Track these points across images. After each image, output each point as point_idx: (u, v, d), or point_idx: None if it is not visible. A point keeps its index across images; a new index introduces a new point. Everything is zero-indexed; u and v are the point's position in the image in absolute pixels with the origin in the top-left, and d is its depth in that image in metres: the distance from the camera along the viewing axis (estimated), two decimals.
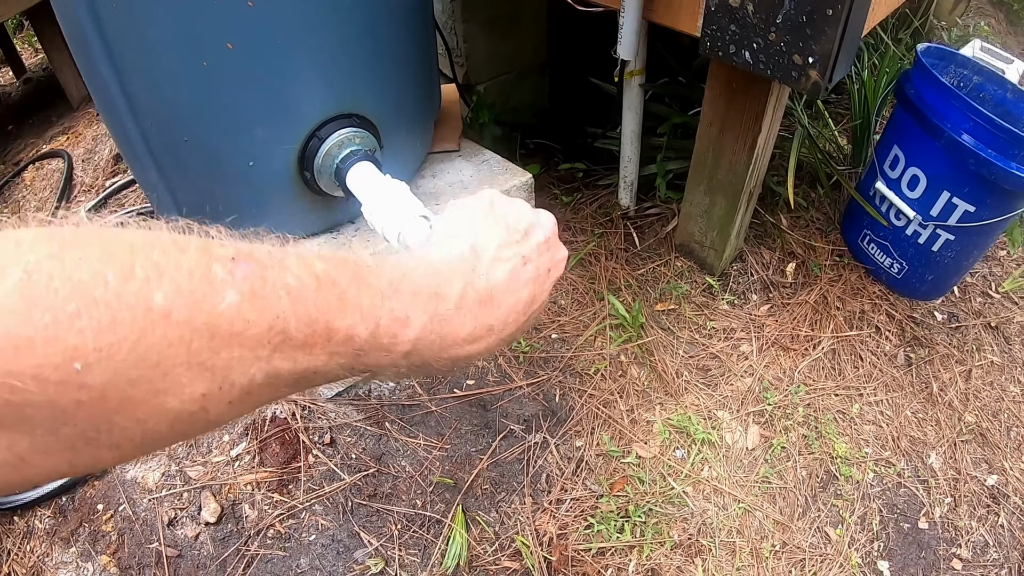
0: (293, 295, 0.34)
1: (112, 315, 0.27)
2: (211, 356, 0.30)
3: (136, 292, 0.28)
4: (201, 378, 0.30)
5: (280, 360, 0.34)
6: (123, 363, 0.27)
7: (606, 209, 1.97)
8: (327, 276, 0.36)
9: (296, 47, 1.14)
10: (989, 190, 1.56)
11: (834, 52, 1.19)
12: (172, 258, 0.30)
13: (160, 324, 0.28)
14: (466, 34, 1.91)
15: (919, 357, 1.74)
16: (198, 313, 0.30)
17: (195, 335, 0.30)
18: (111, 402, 0.28)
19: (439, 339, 0.42)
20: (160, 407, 0.30)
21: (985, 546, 1.49)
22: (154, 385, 0.29)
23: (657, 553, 1.39)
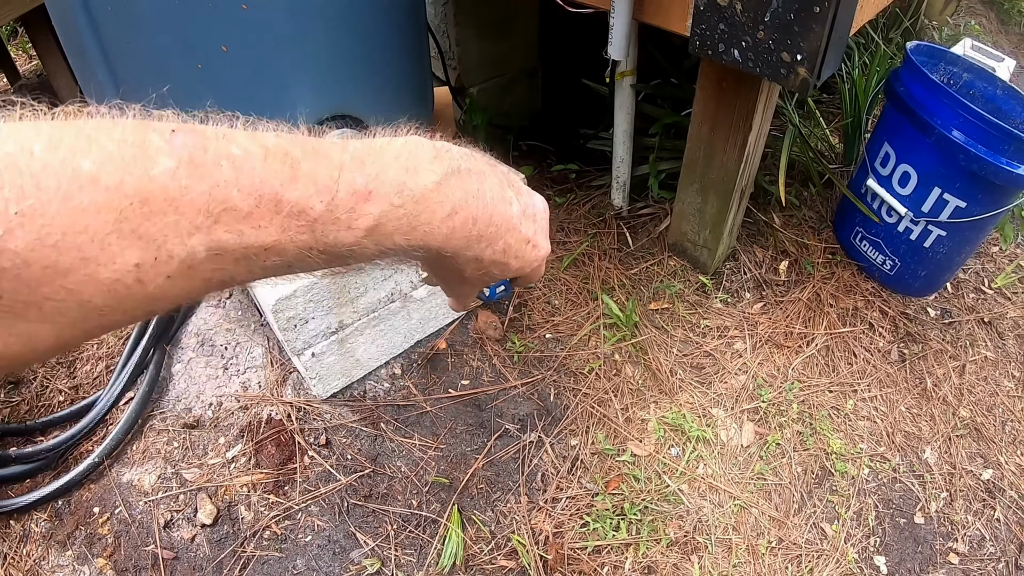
0: (236, 164, 0.32)
1: (35, 180, 0.26)
2: (143, 223, 0.29)
3: (62, 159, 0.27)
4: (133, 247, 0.29)
5: (223, 232, 0.32)
6: (46, 228, 0.27)
7: (599, 209, 1.98)
8: (278, 148, 0.34)
9: (290, 49, 1.15)
10: (980, 185, 1.57)
11: (822, 49, 1.20)
12: (105, 130, 0.29)
13: (88, 189, 0.27)
14: (459, 37, 1.92)
15: (913, 353, 1.75)
16: (128, 178, 0.29)
17: (125, 200, 0.28)
18: (35, 269, 0.27)
19: (409, 217, 0.39)
20: (91, 277, 0.29)
21: (982, 540, 1.49)
22: (82, 252, 0.28)
23: (653, 551, 1.39)
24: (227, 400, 1.61)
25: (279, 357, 1.65)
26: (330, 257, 0.37)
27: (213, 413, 1.60)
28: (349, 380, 1.59)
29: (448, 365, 1.66)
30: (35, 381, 1.82)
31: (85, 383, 1.79)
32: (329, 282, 1.38)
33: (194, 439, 1.57)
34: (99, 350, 1.84)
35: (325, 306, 1.41)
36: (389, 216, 0.38)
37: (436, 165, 0.40)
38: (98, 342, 1.86)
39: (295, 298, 1.35)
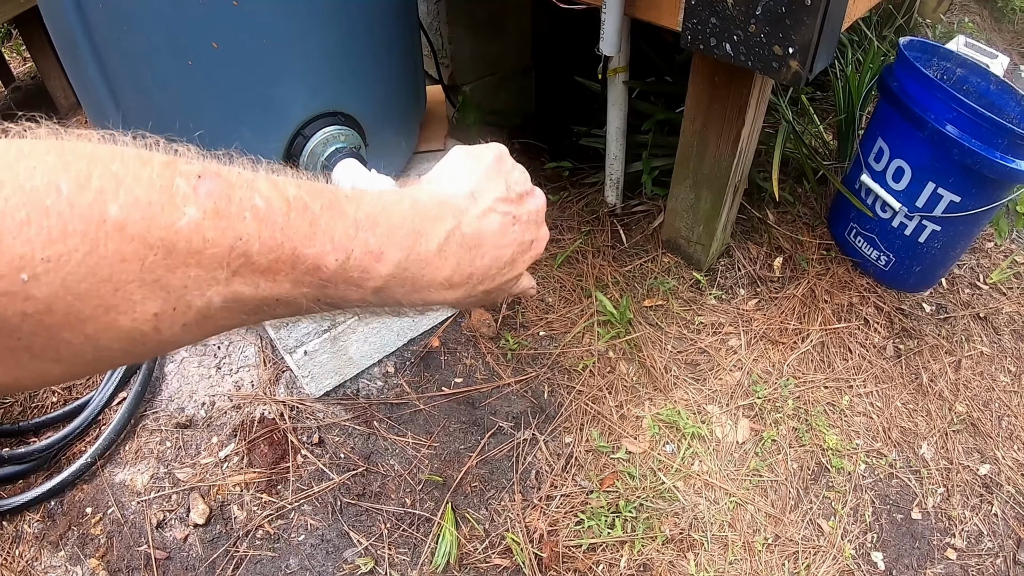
0: (260, 217, 0.32)
1: (63, 225, 0.26)
2: (166, 274, 0.29)
3: (90, 203, 0.27)
4: (154, 297, 0.29)
5: (240, 284, 0.32)
6: (72, 275, 0.26)
7: (593, 207, 1.98)
8: (299, 201, 0.34)
9: (281, 46, 1.15)
10: (974, 180, 1.57)
11: (814, 42, 1.20)
12: (132, 170, 0.29)
13: (114, 237, 0.27)
14: (451, 35, 1.92)
15: (908, 348, 1.74)
16: (155, 228, 0.28)
17: (150, 251, 0.28)
18: (57, 316, 0.27)
19: (414, 279, 0.40)
20: (111, 324, 0.29)
21: (979, 535, 1.49)
22: (104, 301, 0.28)
23: (649, 548, 1.38)
24: (220, 399, 1.61)
25: (272, 356, 1.64)
26: (333, 307, 0.39)
27: (206, 412, 1.60)
28: (342, 378, 1.58)
29: (441, 363, 1.65)
30: None
31: (78, 384, 1.78)
32: None
33: (187, 439, 1.56)
34: None
35: None
36: (395, 278, 0.39)
37: (439, 226, 0.42)
38: None
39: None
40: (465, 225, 0.43)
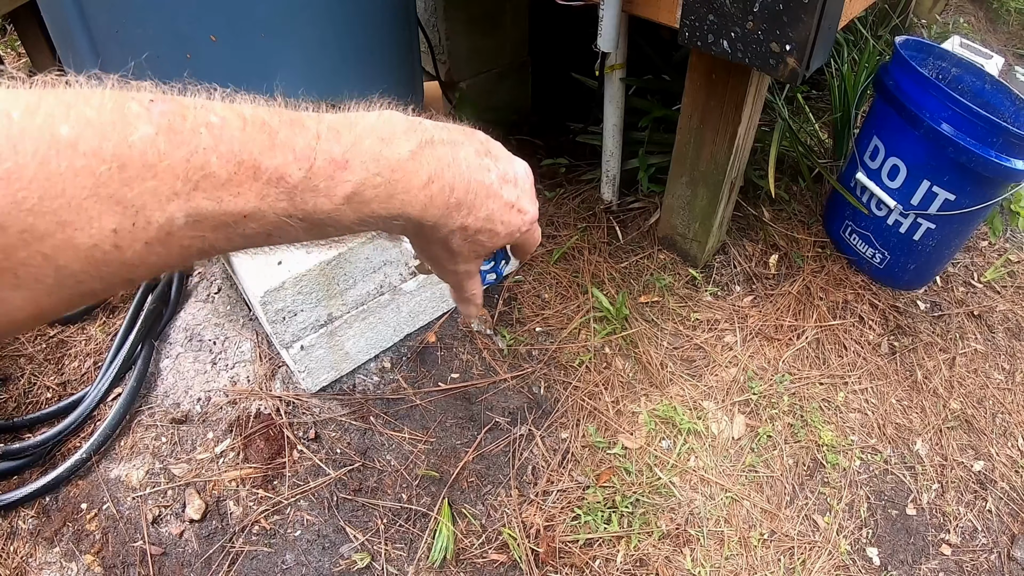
0: (215, 132, 0.32)
1: (12, 145, 0.26)
2: (121, 188, 0.29)
3: (40, 125, 0.27)
4: (111, 212, 0.29)
5: (202, 198, 0.32)
6: (22, 191, 0.27)
7: (589, 203, 1.98)
8: (256, 117, 0.34)
9: (279, 40, 1.15)
10: (968, 178, 1.58)
11: (811, 39, 1.20)
12: (83, 97, 0.29)
13: (65, 153, 0.28)
14: (448, 32, 1.92)
15: (903, 345, 1.75)
16: (107, 143, 0.29)
17: (103, 164, 0.29)
18: (11, 232, 0.27)
19: (387, 184, 0.39)
20: (68, 241, 0.28)
21: (974, 531, 1.49)
22: (59, 216, 0.28)
23: (645, 543, 1.39)
24: (216, 395, 1.60)
25: (268, 351, 1.64)
26: (309, 225, 0.38)
27: (201, 408, 1.59)
28: (338, 374, 1.58)
29: (438, 359, 1.65)
30: (22, 378, 1.81)
31: (73, 380, 1.78)
32: (318, 274, 1.37)
33: (182, 434, 1.56)
34: (87, 346, 1.83)
35: (314, 298, 1.41)
36: (366, 184, 0.38)
37: (410, 136, 0.41)
38: (86, 338, 1.85)
39: (284, 290, 1.34)
40: (439, 143, 0.42)
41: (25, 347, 1.88)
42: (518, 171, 0.50)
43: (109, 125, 0.29)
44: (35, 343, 1.89)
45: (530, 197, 0.51)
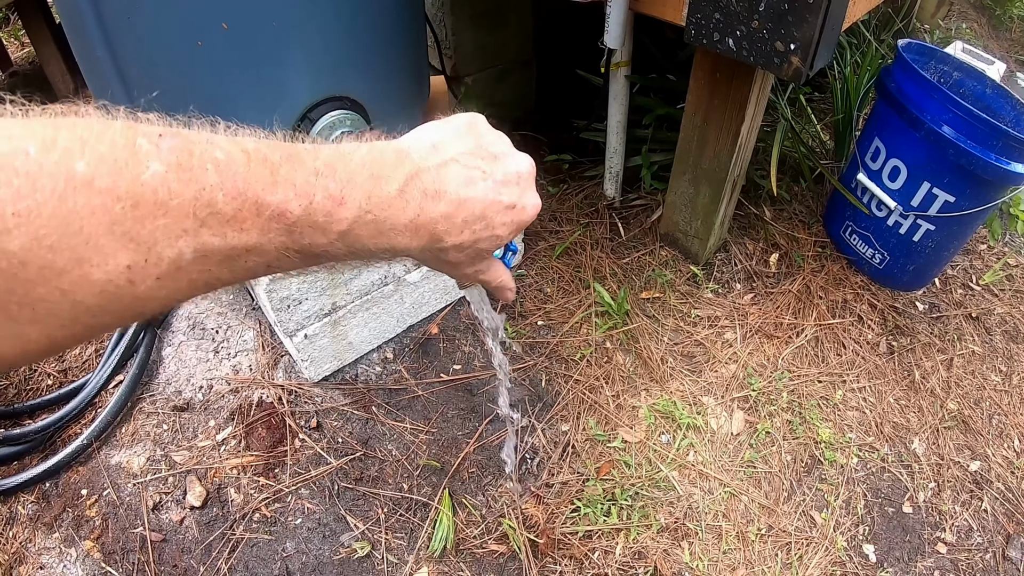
0: (221, 168, 0.34)
1: (32, 182, 0.27)
2: (135, 225, 0.30)
3: (57, 161, 0.28)
4: (125, 248, 0.30)
5: (209, 235, 0.34)
6: (43, 228, 0.27)
7: (592, 200, 1.99)
8: (258, 153, 0.36)
9: (291, 30, 1.15)
10: (968, 180, 1.59)
11: (815, 39, 1.21)
12: (96, 132, 0.30)
13: (82, 191, 0.29)
14: (455, 26, 1.93)
15: (901, 345, 1.77)
16: (121, 181, 0.30)
17: (118, 203, 0.30)
18: (31, 269, 0.28)
19: (377, 221, 0.41)
20: (84, 277, 0.30)
21: (969, 530, 1.50)
22: (77, 253, 0.29)
23: (644, 536, 1.39)
24: (218, 383, 1.61)
25: (271, 340, 1.65)
26: (305, 257, 0.40)
27: (203, 396, 1.60)
28: (341, 363, 1.59)
29: (440, 350, 1.66)
30: None
31: (74, 366, 1.78)
32: None
33: (184, 422, 1.56)
34: None
35: (319, 287, 1.41)
36: (359, 221, 0.40)
37: (398, 170, 0.43)
38: None
39: (289, 278, 1.35)
40: (424, 172, 0.44)
41: None
42: (520, 167, 0.50)
43: (122, 162, 0.30)
44: None
45: (531, 190, 0.51)
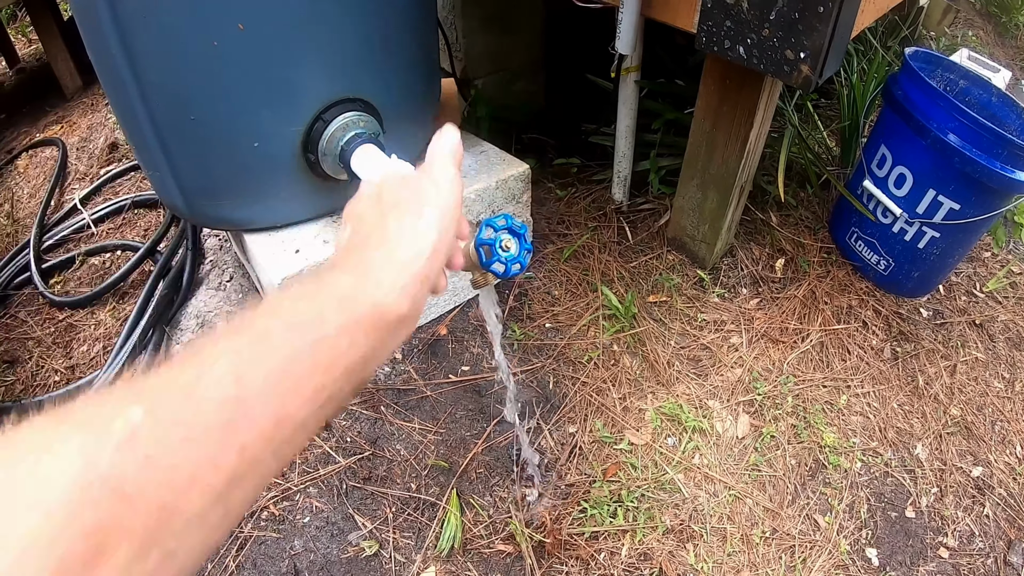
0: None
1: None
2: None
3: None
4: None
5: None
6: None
7: (600, 203, 2.00)
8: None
9: (306, 30, 1.16)
10: (974, 188, 1.60)
11: (825, 48, 1.23)
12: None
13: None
14: (465, 29, 1.94)
15: (905, 351, 1.78)
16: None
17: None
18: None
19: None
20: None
21: (971, 536, 1.52)
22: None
23: (649, 538, 1.40)
24: None
25: None
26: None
27: None
28: None
29: (449, 351, 1.67)
30: (30, 361, 1.82)
31: (81, 363, 1.79)
32: None
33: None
34: (96, 331, 1.84)
35: None
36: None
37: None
38: (95, 323, 1.86)
39: (301, 277, 1.36)
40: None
41: (34, 330, 1.89)
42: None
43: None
44: (44, 326, 1.90)
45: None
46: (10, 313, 1.96)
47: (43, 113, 2.68)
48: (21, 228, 2.25)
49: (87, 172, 2.31)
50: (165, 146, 1.26)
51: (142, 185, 2.20)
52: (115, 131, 2.42)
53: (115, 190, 2.21)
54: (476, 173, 1.57)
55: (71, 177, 2.33)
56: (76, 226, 2.09)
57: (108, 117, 2.50)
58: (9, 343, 1.88)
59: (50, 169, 2.36)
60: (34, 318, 1.92)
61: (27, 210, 2.30)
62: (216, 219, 1.42)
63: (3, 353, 1.85)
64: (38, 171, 2.41)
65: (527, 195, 1.66)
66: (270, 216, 1.43)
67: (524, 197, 1.65)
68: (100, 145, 2.36)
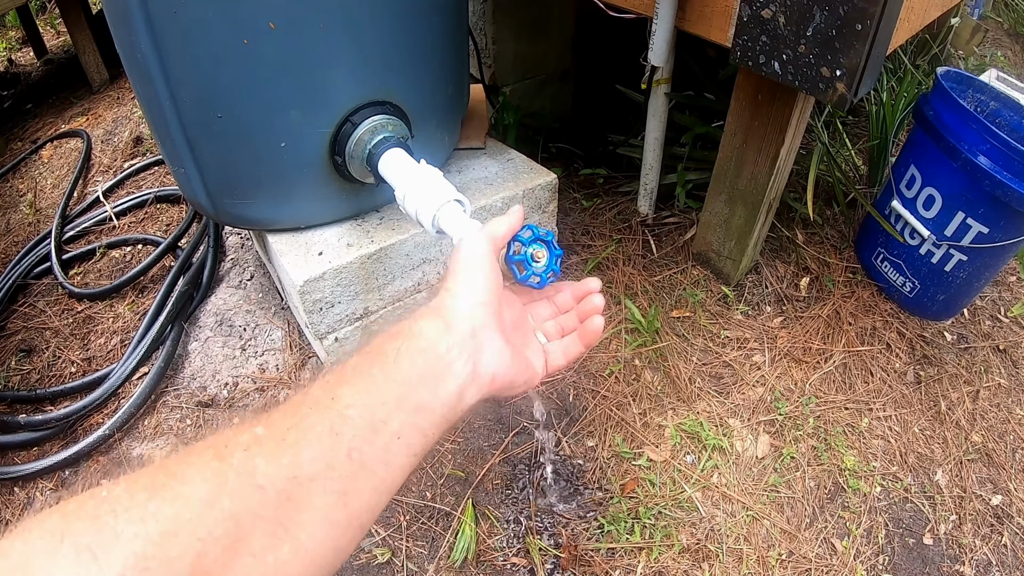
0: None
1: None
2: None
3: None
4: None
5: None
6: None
7: (625, 215, 1.99)
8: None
9: (337, 31, 1.16)
10: (1003, 212, 1.58)
11: (861, 66, 1.21)
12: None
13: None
14: (495, 36, 1.93)
15: (928, 375, 1.76)
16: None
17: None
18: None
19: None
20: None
21: (988, 565, 1.49)
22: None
23: (665, 556, 1.39)
24: (243, 381, 1.61)
25: (299, 341, 1.65)
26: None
27: (228, 393, 1.60)
28: None
29: None
30: (47, 351, 1.82)
31: (98, 356, 1.79)
32: (358, 267, 1.38)
33: (208, 417, 1.57)
34: (114, 324, 1.84)
35: (352, 291, 1.42)
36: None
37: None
38: (113, 316, 1.86)
39: (324, 280, 1.35)
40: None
41: (52, 320, 1.90)
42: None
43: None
44: (62, 317, 1.91)
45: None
46: (29, 302, 1.96)
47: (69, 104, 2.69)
48: (43, 218, 2.26)
49: (111, 165, 2.31)
50: (191, 143, 1.25)
51: (165, 179, 2.20)
52: (140, 125, 2.43)
53: (138, 184, 2.21)
54: (503, 181, 1.56)
55: (94, 169, 2.33)
56: (98, 218, 2.10)
57: (134, 111, 2.51)
58: (27, 332, 1.88)
59: (74, 160, 2.37)
60: (53, 308, 1.93)
61: (50, 200, 2.31)
62: (240, 218, 1.42)
63: (21, 342, 1.86)
64: (62, 162, 2.42)
65: (553, 204, 1.65)
66: (294, 217, 1.42)
67: (550, 207, 1.64)
68: (125, 138, 2.37)
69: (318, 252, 1.39)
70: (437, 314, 0.55)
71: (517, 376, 0.61)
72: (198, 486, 0.39)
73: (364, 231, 1.43)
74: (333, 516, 0.44)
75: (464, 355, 0.54)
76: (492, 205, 1.51)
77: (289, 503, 0.42)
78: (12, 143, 2.61)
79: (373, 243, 1.40)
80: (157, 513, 0.36)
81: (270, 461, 0.42)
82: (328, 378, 0.50)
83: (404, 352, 0.51)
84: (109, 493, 0.37)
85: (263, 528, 0.40)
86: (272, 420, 0.46)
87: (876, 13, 1.13)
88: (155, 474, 0.40)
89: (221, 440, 0.43)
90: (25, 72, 3.03)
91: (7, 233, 2.25)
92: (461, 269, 0.60)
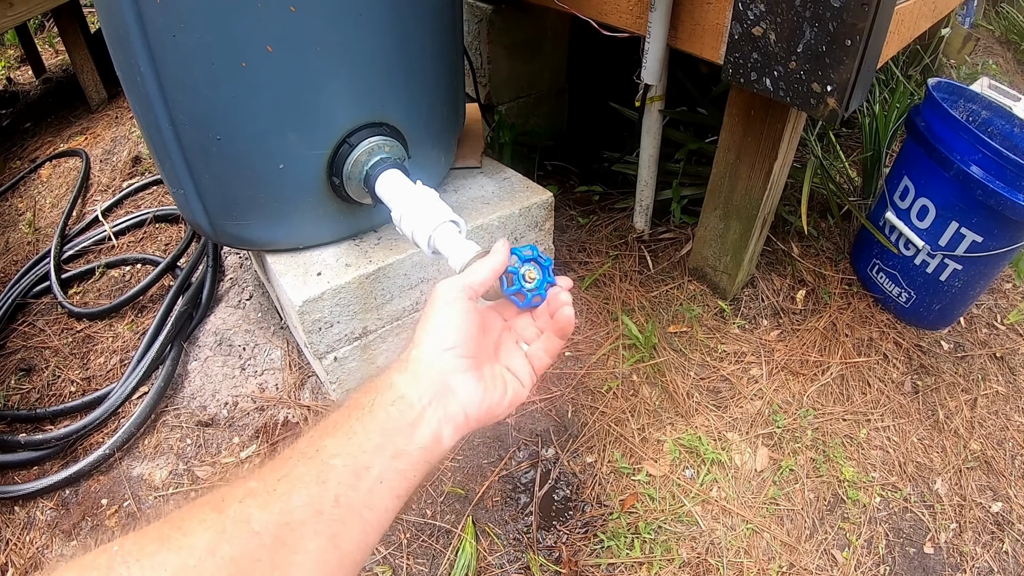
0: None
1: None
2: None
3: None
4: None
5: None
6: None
7: (621, 232, 2.00)
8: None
9: (334, 54, 1.17)
10: (996, 221, 1.60)
11: (851, 81, 1.23)
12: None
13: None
14: (491, 55, 1.95)
15: (926, 385, 1.76)
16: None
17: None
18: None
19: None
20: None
21: (990, 572, 1.50)
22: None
23: (666, 571, 1.39)
24: (243, 400, 1.62)
25: (298, 360, 1.66)
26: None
27: (228, 412, 1.60)
28: None
29: None
30: (47, 370, 1.83)
31: (98, 375, 1.79)
32: (357, 287, 1.39)
33: (208, 437, 1.57)
34: (113, 343, 1.84)
35: (351, 311, 1.42)
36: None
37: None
38: (113, 335, 1.86)
39: (322, 300, 1.36)
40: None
41: (51, 339, 1.90)
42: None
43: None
44: (61, 336, 1.91)
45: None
46: (29, 321, 1.96)
47: (67, 124, 2.71)
48: (42, 237, 2.26)
49: (109, 184, 2.32)
50: (190, 165, 1.26)
51: (164, 199, 2.21)
52: (138, 144, 2.44)
53: (137, 203, 2.22)
54: (499, 200, 1.57)
55: (93, 188, 2.34)
56: (97, 238, 2.10)
57: (132, 130, 2.52)
58: (26, 351, 1.88)
59: (73, 180, 2.38)
60: (52, 327, 1.93)
61: (48, 219, 2.32)
62: (239, 239, 1.43)
63: (20, 361, 1.86)
64: (61, 181, 2.43)
65: (550, 223, 1.66)
66: (293, 237, 1.43)
67: (547, 225, 1.65)
68: (123, 158, 2.38)
69: (317, 272, 1.39)
70: (406, 366, 0.59)
71: (495, 406, 0.63)
72: (200, 536, 0.44)
73: (362, 251, 1.44)
74: (325, 557, 0.48)
75: (434, 402, 0.58)
76: (489, 224, 1.52)
77: (284, 547, 0.46)
78: (11, 162, 2.63)
79: (371, 263, 1.40)
80: (165, 562, 0.42)
81: (263, 510, 0.47)
82: (312, 433, 0.55)
83: (378, 404, 0.56)
84: (120, 547, 0.43)
85: (261, 570, 0.44)
86: (263, 474, 0.50)
87: (865, 28, 1.15)
88: (161, 528, 0.45)
89: (218, 495, 0.48)
90: (24, 91, 3.04)
91: (6, 252, 2.26)
92: (431, 316, 0.63)
